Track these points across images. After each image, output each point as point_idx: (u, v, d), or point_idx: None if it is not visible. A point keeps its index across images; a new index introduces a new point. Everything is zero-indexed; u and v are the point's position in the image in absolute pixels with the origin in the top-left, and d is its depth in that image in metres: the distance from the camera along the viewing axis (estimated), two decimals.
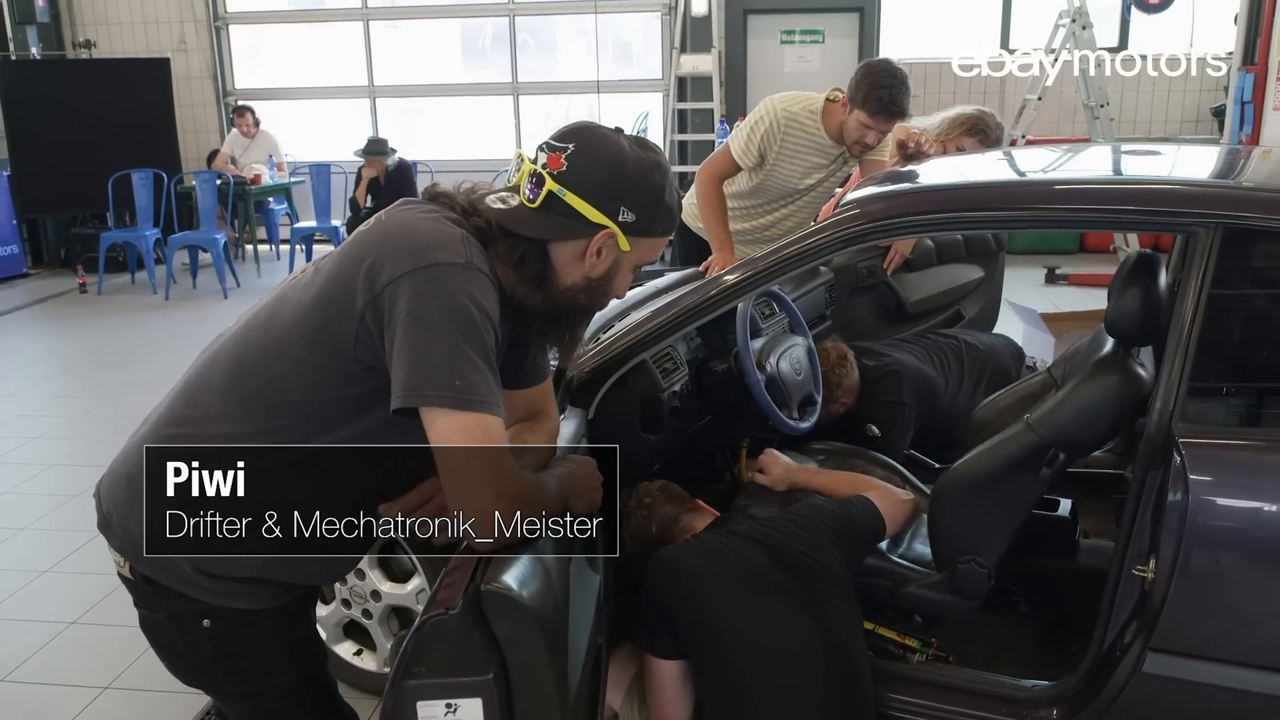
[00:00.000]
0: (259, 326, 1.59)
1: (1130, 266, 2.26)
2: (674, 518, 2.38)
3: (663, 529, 2.36)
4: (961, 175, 2.76)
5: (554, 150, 1.56)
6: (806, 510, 2.33)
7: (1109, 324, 2.26)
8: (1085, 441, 2.27)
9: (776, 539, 2.16)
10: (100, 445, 5.02)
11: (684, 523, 2.37)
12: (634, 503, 2.39)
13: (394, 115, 11.08)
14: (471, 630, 1.39)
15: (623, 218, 1.56)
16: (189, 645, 1.66)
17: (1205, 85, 9.66)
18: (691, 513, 2.40)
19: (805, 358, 2.98)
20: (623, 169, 1.56)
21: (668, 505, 2.39)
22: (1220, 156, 2.91)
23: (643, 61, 10.79)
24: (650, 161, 1.59)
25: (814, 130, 3.58)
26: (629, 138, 1.60)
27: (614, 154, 1.56)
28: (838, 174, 3.71)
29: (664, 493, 2.42)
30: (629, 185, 1.56)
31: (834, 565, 2.16)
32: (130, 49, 10.72)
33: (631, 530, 2.37)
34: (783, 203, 3.77)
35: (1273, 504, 1.96)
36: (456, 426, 1.41)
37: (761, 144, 3.59)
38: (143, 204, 8.89)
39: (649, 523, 2.36)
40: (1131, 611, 2.07)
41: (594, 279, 1.62)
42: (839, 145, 3.60)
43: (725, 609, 2.06)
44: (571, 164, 1.55)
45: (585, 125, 1.61)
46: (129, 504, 1.61)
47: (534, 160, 1.57)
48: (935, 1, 9.92)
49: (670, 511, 2.38)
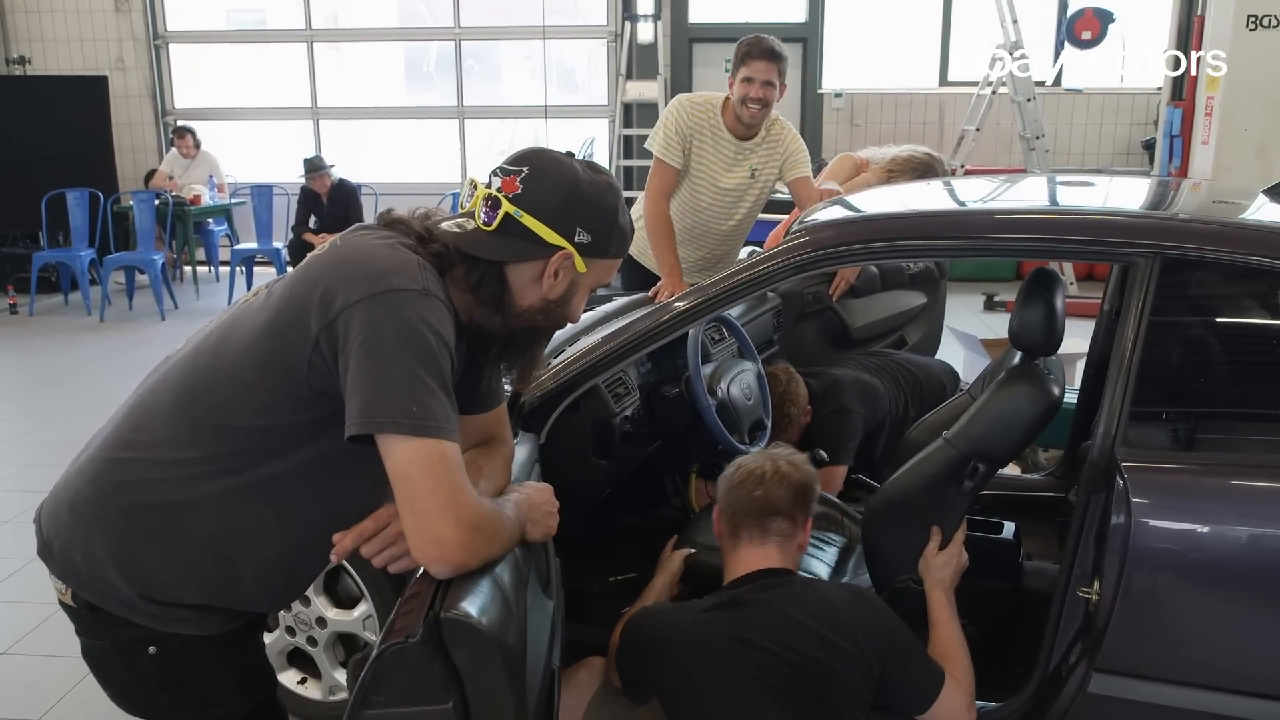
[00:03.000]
0: (208, 350, 1.57)
1: (1029, 282, 2.34)
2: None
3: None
4: (907, 205, 2.82)
5: (508, 174, 1.57)
6: (872, 619, 2.04)
7: (1013, 337, 2.36)
8: (1002, 451, 2.33)
9: (793, 647, 1.93)
10: (32, 470, 4.89)
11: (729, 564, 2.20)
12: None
13: (338, 137, 10.98)
14: (431, 659, 1.37)
15: (579, 239, 1.57)
16: (134, 673, 1.62)
17: (1135, 119, 9.97)
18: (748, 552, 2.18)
19: (755, 382, 3.01)
20: (577, 191, 1.57)
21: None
22: (1153, 188, 3.01)
23: (588, 88, 10.83)
24: (603, 184, 1.61)
25: (716, 122, 3.74)
26: (580, 161, 1.62)
27: (568, 177, 1.58)
28: (761, 180, 3.82)
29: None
30: (584, 207, 1.58)
31: (854, 676, 1.94)
32: (67, 66, 10.51)
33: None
34: (718, 212, 3.86)
35: (1211, 526, 2.01)
36: (414, 453, 1.40)
37: (679, 135, 3.73)
38: (77, 224, 8.70)
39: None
40: (1076, 633, 2.12)
41: (551, 300, 1.62)
42: (740, 141, 3.74)
43: (715, 710, 1.95)
44: (527, 187, 1.55)
45: (537, 150, 1.62)
46: (71, 531, 1.57)
47: (487, 185, 1.58)
48: (876, 33, 10.11)
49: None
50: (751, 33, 3.81)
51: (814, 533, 2.84)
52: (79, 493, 1.57)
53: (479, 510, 1.47)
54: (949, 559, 2.33)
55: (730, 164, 3.77)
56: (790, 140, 3.79)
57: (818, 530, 2.86)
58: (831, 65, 10.17)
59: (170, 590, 1.56)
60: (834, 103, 10.10)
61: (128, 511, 1.54)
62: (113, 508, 1.55)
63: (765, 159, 3.78)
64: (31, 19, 10.59)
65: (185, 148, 9.68)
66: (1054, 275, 2.39)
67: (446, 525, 1.41)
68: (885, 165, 3.88)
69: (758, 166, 3.78)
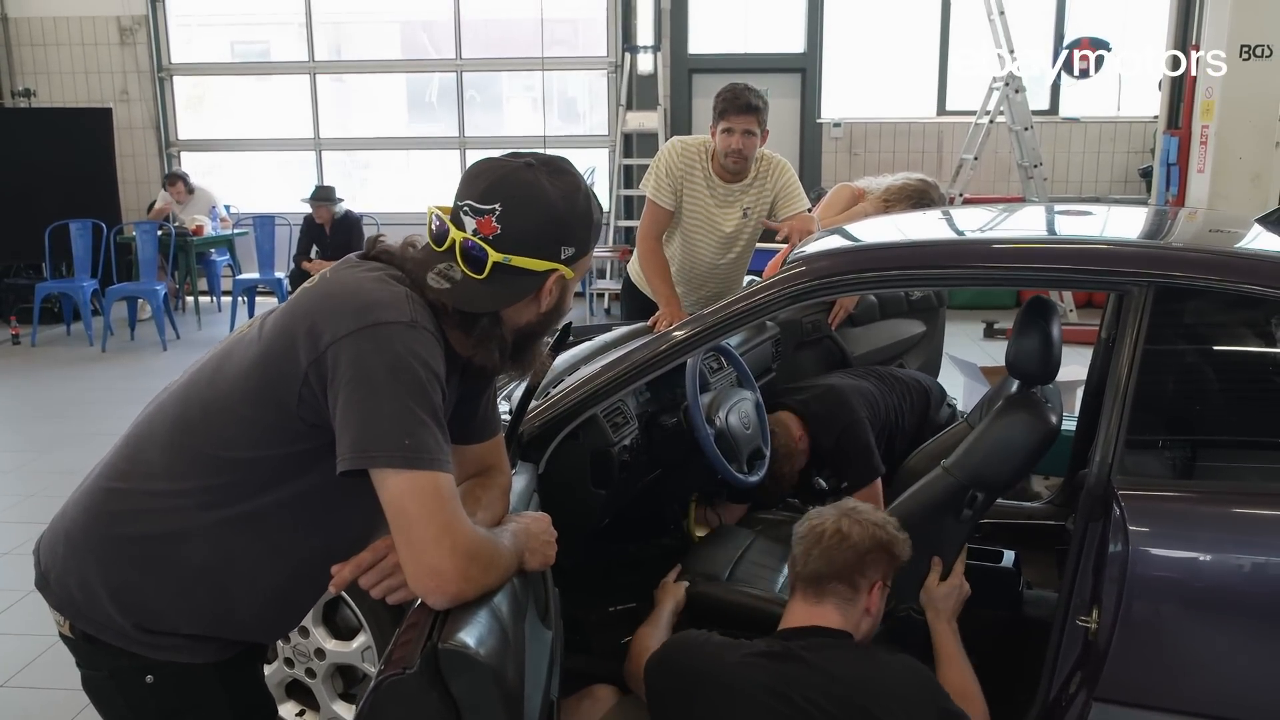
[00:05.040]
0: (203, 382, 1.57)
1: (1026, 311, 2.35)
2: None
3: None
4: (904, 234, 2.83)
5: (480, 214, 1.50)
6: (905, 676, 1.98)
7: (1010, 365, 2.38)
8: (1000, 479, 2.34)
9: (832, 716, 1.87)
10: (33, 501, 4.89)
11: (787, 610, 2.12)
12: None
13: (340, 167, 11.04)
14: (429, 690, 1.37)
15: (565, 255, 1.55)
16: (132, 703, 1.62)
17: (1133, 147, 10.02)
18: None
19: (753, 411, 3.01)
20: (554, 211, 1.53)
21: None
22: (1149, 217, 3.03)
23: (589, 118, 10.90)
24: (571, 188, 1.56)
25: (706, 166, 3.79)
26: (538, 167, 1.55)
27: (541, 199, 1.52)
28: (754, 218, 3.85)
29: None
30: (563, 226, 1.54)
31: None
32: (72, 99, 10.58)
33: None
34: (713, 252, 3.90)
35: (1209, 554, 2.02)
36: (408, 486, 1.40)
37: (670, 177, 3.78)
38: (80, 254, 8.74)
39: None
40: (1076, 662, 2.11)
41: (546, 312, 1.61)
42: (729, 185, 3.79)
43: None
44: (505, 225, 1.49)
45: (499, 176, 1.52)
46: (67, 561, 1.58)
47: (456, 223, 1.52)
48: (875, 64, 10.18)
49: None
50: (740, 75, 3.88)
51: None
52: (75, 523, 1.58)
53: (475, 540, 1.47)
54: (951, 590, 2.32)
55: (722, 204, 3.83)
56: (779, 175, 3.82)
57: None
58: (830, 95, 10.22)
59: (165, 620, 1.56)
60: (833, 132, 10.15)
61: (122, 542, 1.55)
62: (107, 538, 1.55)
63: (756, 198, 3.84)
64: (38, 52, 10.67)
65: (178, 194, 9.67)
66: (1050, 304, 2.41)
67: (442, 556, 1.41)
68: (882, 195, 3.92)
69: (749, 206, 3.84)
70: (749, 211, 3.83)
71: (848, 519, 2.10)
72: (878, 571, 2.07)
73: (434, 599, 1.45)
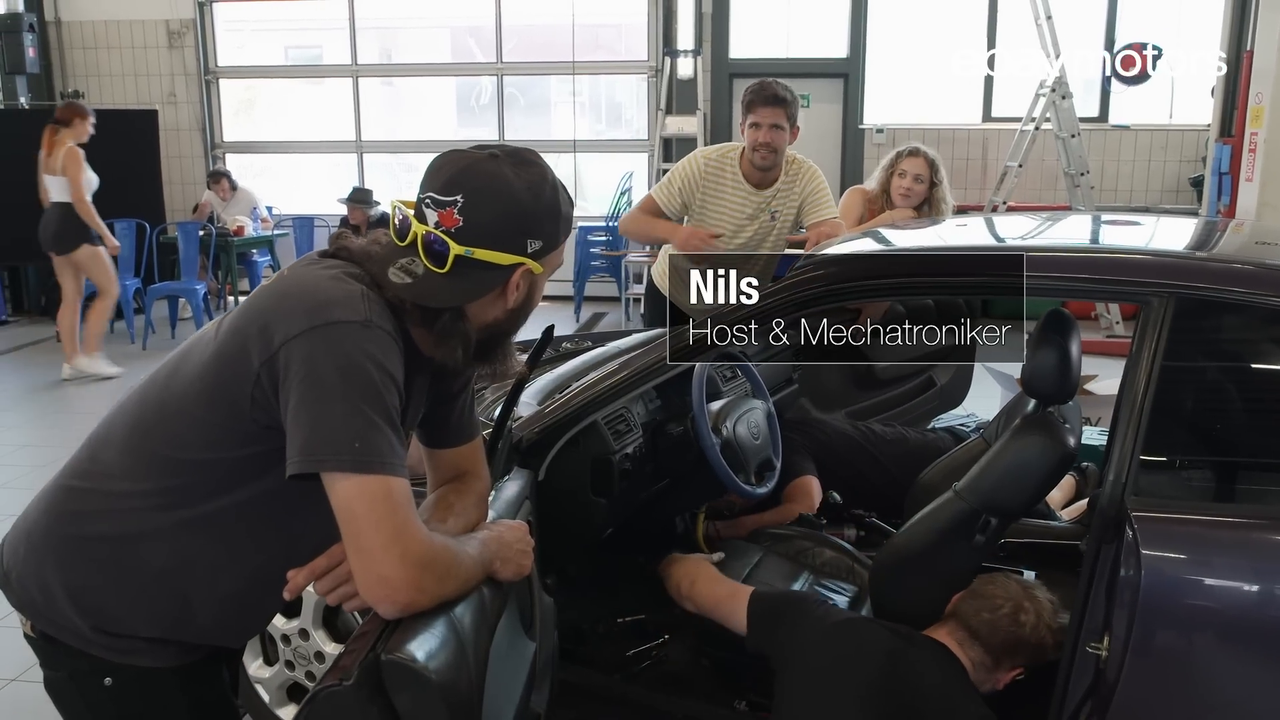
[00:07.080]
0: (160, 383, 1.55)
1: (1042, 326, 2.25)
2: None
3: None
4: (919, 240, 2.75)
5: (442, 206, 1.45)
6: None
7: (1026, 384, 2.27)
8: (1015, 504, 2.24)
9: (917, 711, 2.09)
10: None
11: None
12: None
13: (385, 170, 11.11)
14: (368, 704, 1.31)
15: (531, 249, 1.50)
16: (90, 705, 1.60)
17: (1184, 156, 9.77)
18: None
19: (764, 422, 2.92)
20: (519, 203, 1.47)
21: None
22: (1197, 229, 2.91)
23: (635, 122, 10.90)
24: (537, 179, 1.50)
25: (735, 172, 3.74)
26: (503, 158, 1.50)
27: (505, 190, 1.47)
28: (780, 220, 3.79)
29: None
30: (528, 217, 1.48)
31: None
32: (120, 100, 10.74)
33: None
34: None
35: (1226, 580, 1.92)
36: (357, 490, 1.35)
37: (682, 189, 3.73)
38: (123, 253, 8.83)
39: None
40: (1087, 690, 2.02)
41: (513, 309, 1.56)
42: (759, 190, 3.73)
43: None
44: (467, 217, 1.45)
45: (461, 166, 1.48)
46: (27, 561, 1.56)
47: (418, 217, 1.48)
48: (919, 69, 10.03)
49: None
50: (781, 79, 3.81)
51: (824, 580, 2.77)
52: (35, 523, 1.56)
53: (428, 547, 1.42)
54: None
55: (741, 221, 3.78)
56: (808, 180, 3.75)
57: (828, 578, 2.78)
58: (873, 100, 10.09)
59: (123, 623, 1.53)
60: (875, 138, 10.01)
61: (80, 542, 1.52)
62: (66, 538, 1.53)
63: (784, 200, 3.77)
64: (88, 54, 10.88)
65: (221, 191, 9.84)
66: (1069, 318, 2.30)
67: (391, 563, 1.36)
68: (885, 167, 4.14)
69: (777, 209, 3.78)
70: (776, 215, 3.75)
71: (1030, 601, 2.21)
72: (1011, 663, 2.20)
73: (384, 608, 1.40)
